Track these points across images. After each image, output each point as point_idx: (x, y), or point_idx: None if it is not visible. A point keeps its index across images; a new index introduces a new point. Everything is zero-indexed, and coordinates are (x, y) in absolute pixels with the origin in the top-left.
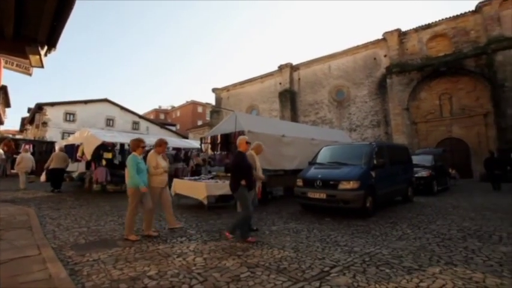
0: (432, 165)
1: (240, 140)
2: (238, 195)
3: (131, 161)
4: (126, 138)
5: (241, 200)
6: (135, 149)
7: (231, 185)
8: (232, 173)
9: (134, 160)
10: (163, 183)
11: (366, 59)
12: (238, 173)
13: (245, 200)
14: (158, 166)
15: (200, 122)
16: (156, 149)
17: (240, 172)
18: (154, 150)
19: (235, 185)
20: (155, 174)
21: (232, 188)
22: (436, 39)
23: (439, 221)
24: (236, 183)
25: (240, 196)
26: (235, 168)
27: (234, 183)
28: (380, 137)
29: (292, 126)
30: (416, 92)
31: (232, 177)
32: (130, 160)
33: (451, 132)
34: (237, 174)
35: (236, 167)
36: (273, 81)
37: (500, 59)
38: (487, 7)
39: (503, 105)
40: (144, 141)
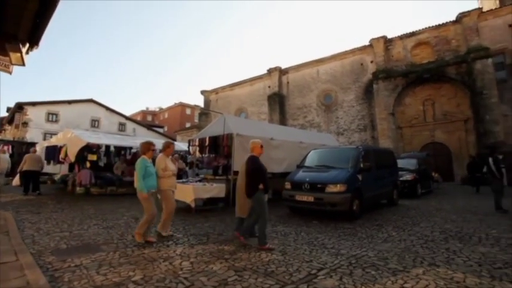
0: (416, 168)
1: (254, 144)
2: (255, 200)
3: (140, 164)
4: (111, 140)
5: (258, 205)
6: (145, 152)
7: (248, 190)
8: (248, 178)
9: (143, 163)
10: (173, 186)
11: (353, 64)
12: (256, 177)
13: (262, 204)
14: (167, 169)
15: (188, 124)
16: (165, 152)
17: (257, 176)
18: (162, 152)
19: (253, 189)
20: (164, 176)
21: (249, 192)
22: (420, 47)
23: (422, 223)
24: (253, 188)
25: (258, 201)
26: (252, 173)
27: (251, 187)
28: (366, 141)
29: (281, 130)
30: (402, 98)
31: (249, 182)
32: (139, 163)
33: (434, 137)
34: (254, 178)
35: (253, 171)
36: (262, 84)
37: (479, 67)
38: (466, 18)
39: (482, 112)
40: (155, 144)
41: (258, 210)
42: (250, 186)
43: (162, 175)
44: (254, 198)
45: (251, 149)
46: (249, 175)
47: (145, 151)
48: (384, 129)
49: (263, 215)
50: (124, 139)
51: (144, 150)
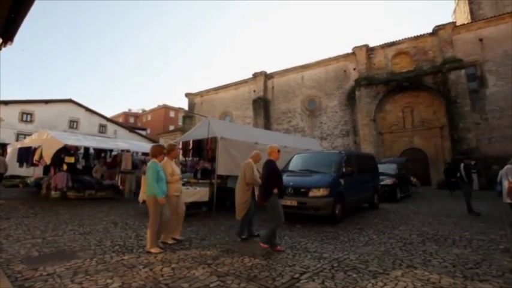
0: (396, 173)
1: (272, 149)
2: (270, 204)
3: (151, 168)
4: (91, 142)
5: (273, 208)
6: (157, 156)
7: (263, 194)
8: (264, 182)
9: (155, 168)
10: (179, 190)
11: (337, 71)
12: (271, 182)
13: (277, 208)
14: (174, 173)
15: (172, 127)
16: (169, 155)
17: (272, 180)
18: (167, 156)
19: (268, 193)
20: (171, 181)
21: (264, 196)
22: (400, 56)
23: (401, 226)
24: (268, 192)
25: (273, 204)
26: (268, 177)
27: (266, 191)
28: (349, 146)
29: (265, 134)
30: (382, 105)
31: (264, 186)
32: (150, 167)
33: (413, 143)
34: (269, 182)
35: (270, 175)
36: (247, 88)
37: (453, 77)
38: (441, 31)
39: (456, 120)
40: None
41: (274, 213)
42: (266, 190)
43: (169, 180)
44: (269, 202)
45: (269, 154)
46: (265, 179)
47: (157, 154)
48: (366, 134)
49: (278, 217)
50: (104, 141)
51: (155, 154)
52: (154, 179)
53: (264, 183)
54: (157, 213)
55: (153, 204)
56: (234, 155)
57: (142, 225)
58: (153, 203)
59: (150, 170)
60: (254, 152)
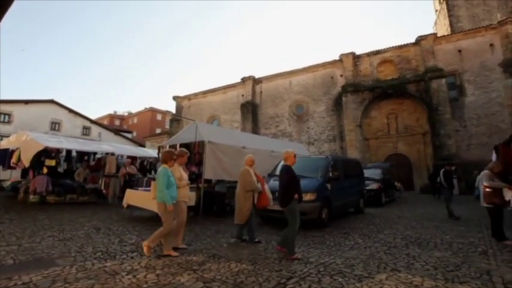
0: (381, 178)
1: (288, 154)
2: (289, 209)
3: (162, 173)
4: (73, 144)
5: (292, 214)
6: (167, 161)
7: (282, 200)
8: (283, 188)
9: (166, 173)
10: (187, 196)
11: (324, 77)
12: (290, 187)
13: (296, 214)
14: (182, 178)
15: (159, 130)
16: (179, 160)
17: (291, 186)
18: (176, 162)
19: (287, 199)
20: (179, 186)
21: (284, 202)
22: (385, 64)
23: (386, 230)
24: (288, 198)
25: (292, 210)
26: (287, 183)
27: (285, 197)
28: (336, 151)
29: (253, 138)
30: (368, 111)
31: (284, 192)
32: (161, 173)
33: (397, 149)
34: (289, 188)
35: (289, 181)
36: (235, 92)
37: (435, 86)
38: (424, 41)
39: (438, 127)
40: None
41: (290, 219)
42: (285, 196)
43: (178, 185)
44: (288, 208)
45: (285, 159)
46: (283, 185)
47: (168, 160)
48: (352, 140)
49: (295, 223)
50: (88, 144)
51: (166, 159)
52: (165, 185)
53: (283, 189)
54: (170, 218)
55: (163, 210)
56: (221, 159)
57: (126, 231)
58: (163, 209)
59: (160, 176)
60: (247, 156)
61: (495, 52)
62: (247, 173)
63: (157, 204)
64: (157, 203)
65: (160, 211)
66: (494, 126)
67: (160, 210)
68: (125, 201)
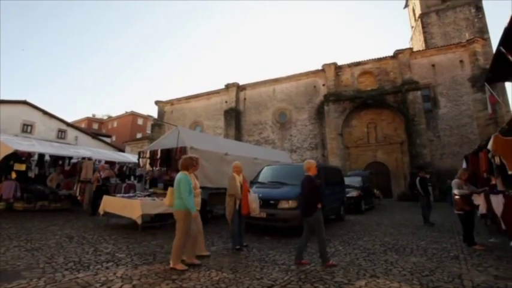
0: (361, 186)
1: (311, 164)
2: (314, 219)
3: (185, 181)
4: (47, 148)
5: (317, 224)
6: (188, 168)
7: (306, 210)
8: (306, 198)
9: (188, 180)
10: (198, 204)
11: (307, 86)
12: (314, 197)
13: (321, 223)
14: (196, 186)
15: (140, 135)
16: (193, 168)
17: (315, 196)
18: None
19: (312, 209)
20: (194, 195)
21: (308, 212)
22: (365, 75)
23: (365, 237)
24: (313, 207)
25: (317, 220)
26: (310, 193)
27: (310, 207)
28: (317, 159)
29: (236, 145)
30: (349, 120)
31: (307, 202)
32: (183, 180)
33: (376, 157)
34: (312, 198)
35: (312, 191)
36: (219, 98)
37: (411, 97)
38: (401, 55)
39: (414, 136)
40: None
41: (317, 228)
42: (309, 206)
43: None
44: (313, 218)
45: (307, 169)
46: (306, 195)
47: (189, 167)
48: (333, 148)
49: (321, 233)
50: (63, 148)
51: (187, 166)
52: (187, 192)
53: (306, 199)
54: (186, 228)
55: (183, 218)
56: (203, 165)
57: (101, 239)
58: (183, 217)
59: (183, 183)
60: (234, 163)
61: (464, 68)
62: (232, 178)
63: (176, 212)
64: (176, 211)
65: (179, 219)
66: (465, 137)
67: (179, 218)
68: (101, 208)
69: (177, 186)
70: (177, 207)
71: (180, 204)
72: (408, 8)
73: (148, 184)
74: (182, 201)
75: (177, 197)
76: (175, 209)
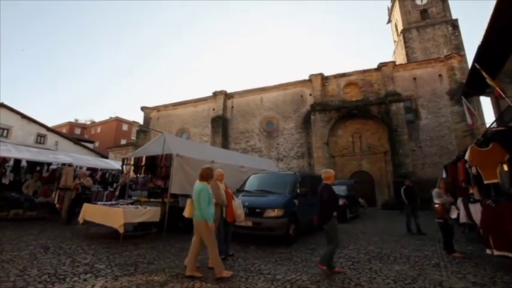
0: (346, 194)
1: (330, 173)
2: (330, 227)
3: (205, 191)
4: (24, 153)
5: (333, 231)
6: (207, 178)
7: (322, 218)
8: (324, 205)
9: (208, 191)
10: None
11: (294, 95)
12: (331, 206)
13: (337, 231)
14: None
15: (124, 141)
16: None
17: (332, 205)
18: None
19: (327, 216)
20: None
21: (324, 220)
22: (350, 86)
23: (350, 245)
24: (328, 216)
25: (333, 227)
26: (327, 201)
27: (325, 215)
28: (304, 168)
29: (223, 153)
30: (335, 129)
31: (323, 210)
32: (204, 190)
33: (361, 166)
34: (329, 206)
35: (329, 199)
36: (206, 106)
37: (394, 109)
38: (384, 67)
39: (397, 146)
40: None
41: (333, 235)
42: (325, 214)
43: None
44: (329, 225)
45: (326, 178)
46: (323, 203)
47: (207, 177)
48: (319, 157)
49: (337, 240)
50: (42, 153)
51: (206, 176)
52: (207, 202)
53: (323, 207)
54: (212, 236)
55: (206, 228)
56: (189, 173)
57: (80, 249)
58: (206, 227)
59: (203, 193)
60: (217, 171)
61: (443, 82)
62: (216, 186)
63: (198, 223)
64: (197, 222)
65: (202, 230)
66: (444, 147)
67: (202, 229)
68: (81, 217)
69: (197, 197)
70: (199, 218)
71: (201, 215)
72: (391, 24)
73: (118, 191)
74: (201, 212)
75: (197, 208)
76: (197, 220)
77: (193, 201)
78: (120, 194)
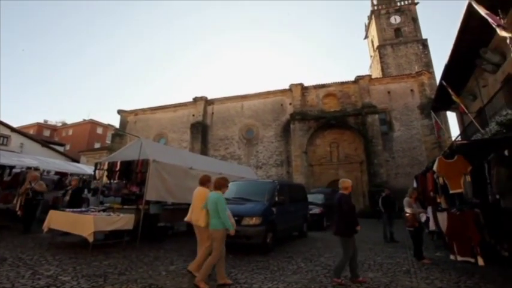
0: (323, 203)
1: (348, 183)
2: (347, 240)
3: (222, 200)
4: None
5: (348, 244)
6: (221, 188)
7: (345, 230)
8: (345, 217)
9: (223, 200)
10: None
11: (274, 104)
12: (352, 217)
13: (353, 244)
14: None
15: (98, 145)
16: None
17: (354, 217)
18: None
19: (352, 229)
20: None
21: (347, 233)
22: (329, 97)
23: (326, 253)
24: (352, 228)
25: (350, 241)
26: (350, 212)
27: (346, 227)
28: (282, 176)
29: (201, 159)
30: (313, 139)
31: (347, 222)
32: (221, 199)
33: (338, 175)
34: (351, 217)
35: (350, 211)
36: (186, 111)
37: (370, 120)
38: (361, 80)
39: (372, 156)
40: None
41: (346, 246)
42: (349, 226)
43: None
44: (347, 238)
45: (344, 188)
46: (345, 215)
47: (222, 187)
48: (298, 165)
49: (349, 252)
50: (4, 155)
51: (220, 186)
52: (225, 211)
53: (345, 219)
54: (222, 245)
55: (221, 237)
56: (166, 179)
57: (43, 260)
58: (221, 237)
59: (221, 202)
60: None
61: (414, 96)
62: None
63: (214, 231)
64: (214, 231)
65: (217, 238)
66: (415, 158)
67: (217, 237)
68: (45, 225)
69: (213, 206)
70: (215, 226)
71: (218, 224)
72: (368, 39)
73: (68, 196)
74: (219, 220)
75: (214, 216)
76: (213, 229)
77: (209, 210)
78: (72, 200)
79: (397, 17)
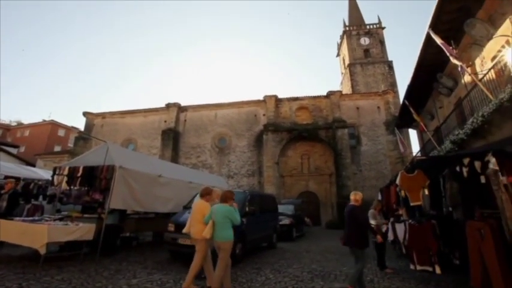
0: (293, 213)
1: (358, 196)
2: (363, 251)
3: (235, 212)
4: None
5: (363, 254)
6: (227, 201)
7: (360, 242)
8: (358, 228)
9: (237, 211)
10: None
11: (248, 114)
12: (367, 228)
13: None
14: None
15: (59, 148)
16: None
17: (367, 229)
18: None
19: (366, 241)
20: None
21: (362, 244)
22: (302, 110)
23: (295, 264)
24: (366, 240)
25: (364, 252)
26: (365, 225)
27: (362, 239)
28: (254, 186)
29: (171, 167)
30: (285, 150)
31: (359, 233)
32: (232, 211)
33: (308, 187)
34: (365, 230)
35: (366, 223)
36: (157, 117)
37: (339, 134)
38: (333, 96)
39: (341, 169)
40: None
41: (360, 255)
42: (363, 238)
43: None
44: (362, 250)
45: (354, 200)
46: (360, 226)
47: (228, 200)
48: (270, 176)
49: (363, 262)
50: None
51: (227, 199)
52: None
53: (360, 231)
54: (228, 258)
55: (229, 249)
56: (133, 187)
57: None
58: (230, 248)
59: (234, 214)
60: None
61: (380, 113)
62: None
63: (221, 243)
64: (221, 242)
65: (225, 250)
66: (380, 172)
67: (225, 248)
68: None
69: (222, 218)
70: (225, 239)
71: (227, 236)
72: (340, 57)
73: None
74: (229, 232)
75: (223, 228)
76: (222, 241)
77: (215, 223)
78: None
79: (367, 39)
